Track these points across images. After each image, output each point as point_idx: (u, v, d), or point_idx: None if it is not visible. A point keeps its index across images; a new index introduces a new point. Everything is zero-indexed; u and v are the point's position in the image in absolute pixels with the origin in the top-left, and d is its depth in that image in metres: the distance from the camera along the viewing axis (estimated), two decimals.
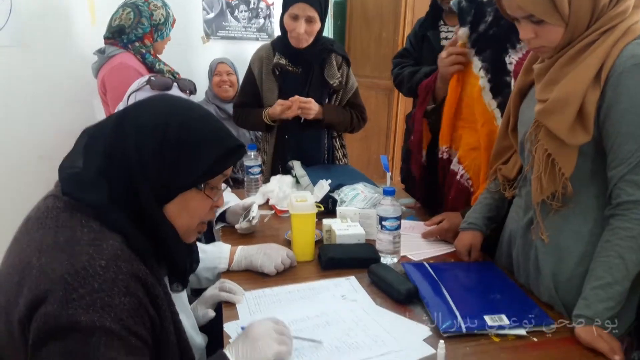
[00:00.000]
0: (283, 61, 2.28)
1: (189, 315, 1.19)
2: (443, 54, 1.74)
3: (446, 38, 2.68)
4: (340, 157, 2.52)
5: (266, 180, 2.28)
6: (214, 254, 1.51)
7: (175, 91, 1.54)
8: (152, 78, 1.52)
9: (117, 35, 2.48)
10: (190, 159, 0.96)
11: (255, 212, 1.71)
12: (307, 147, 2.39)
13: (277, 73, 2.30)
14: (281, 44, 2.30)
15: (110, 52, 2.46)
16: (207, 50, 3.29)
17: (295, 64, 2.31)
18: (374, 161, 4.15)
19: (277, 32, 3.54)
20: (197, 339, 1.20)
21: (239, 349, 1.02)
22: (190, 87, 1.60)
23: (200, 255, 1.49)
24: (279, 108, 2.21)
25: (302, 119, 2.25)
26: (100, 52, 2.51)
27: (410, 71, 2.69)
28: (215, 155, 0.98)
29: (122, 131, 0.95)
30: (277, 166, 2.40)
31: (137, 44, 2.48)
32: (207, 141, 0.98)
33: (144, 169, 0.93)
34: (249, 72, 2.39)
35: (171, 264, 1.01)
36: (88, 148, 0.95)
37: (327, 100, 2.36)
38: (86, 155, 0.95)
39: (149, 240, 0.95)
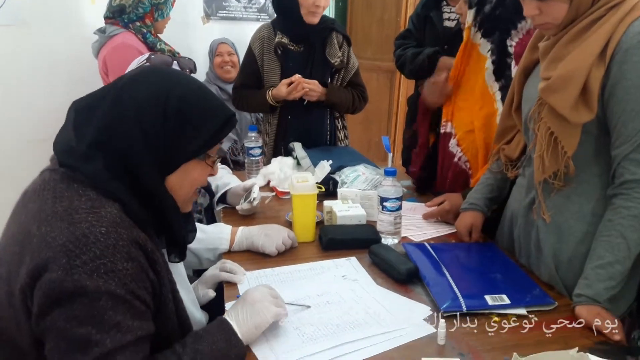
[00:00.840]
0: (285, 40, 2.27)
1: (188, 291, 1.20)
2: (431, 79, 1.78)
3: (449, 19, 2.64)
4: (342, 138, 2.51)
5: (268, 161, 2.27)
6: (215, 235, 1.51)
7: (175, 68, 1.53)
8: (152, 56, 1.52)
9: (117, 14, 2.46)
10: (193, 129, 0.97)
11: (256, 193, 1.71)
12: (310, 128, 2.38)
13: (280, 52, 2.28)
14: (282, 23, 2.29)
15: (111, 31, 2.44)
16: (207, 30, 3.26)
17: (297, 43, 2.29)
18: (375, 144, 4.13)
19: None
20: (197, 314, 1.20)
21: (239, 314, 1.04)
22: (190, 66, 1.60)
23: (201, 235, 1.50)
24: (284, 89, 2.20)
25: (306, 100, 2.24)
26: (101, 31, 2.49)
27: (412, 52, 2.66)
28: (216, 124, 1.00)
29: (119, 103, 0.94)
30: (280, 147, 2.39)
31: (137, 23, 2.47)
32: (207, 111, 0.99)
33: (147, 141, 0.93)
34: (249, 52, 2.36)
35: (169, 235, 1.02)
36: (80, 122, 0.95)
37: (329, 79, 2.35)
38: (79, 130, 0.94)
39: (146, 210, 0.95)
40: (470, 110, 1.70)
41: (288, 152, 2.30)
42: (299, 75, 2.20)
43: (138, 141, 0.92)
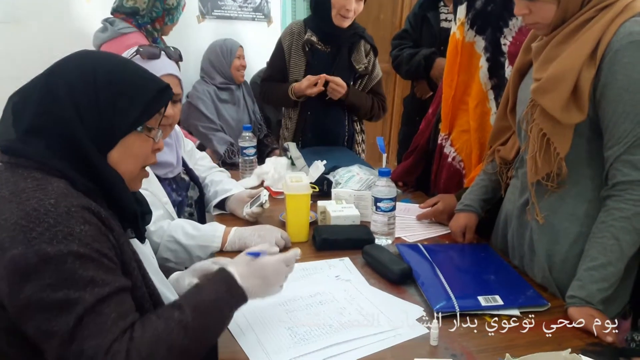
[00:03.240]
0: (314, 38, 2.30)
1: (155, 273, 1.17)
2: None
3: (446, 19, 2.65)
4: (360, 141, 2.54)
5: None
6: (208, 232, 1.50)
7: (163, 59, 1.54)
8: (141, 48, 1.52)
9: (129, 14, 2.46)
10: (125, 101, 0.96)
11: (266, 196, 1.69)
12: (328, 127, 2.42)
13: (307, 49, 2.32)
14: (314, 22, 2.32)
15: (122, 27, 2.43)
16: (202, 29, 3.25)
17: (325, 43, 2.33)
18: (370, 145, 4.13)
19: (274, 12, 3.51)
20: (168, 293, 1.17)
21: (250, 284, 1.04)
22: (175, 56, 1.60)
23: (194, 232, 1.49)
24: (305, 83, 2.23)
25: (327, 96, 2.27)
26: (109, 22, 2.46)
27: (409, 53, 2.67)
28: (149, 94, 0.99)
29: (51, 87, 0.94)
30: (298, 142, 2.42)
31: (149, 27, 2.49)
32: (138, 82, 0.99)
33: (81, 118, 0.92)
34: (279, 46, 2.40)
35: (121, 209, 1.00)
36: (16, 113, 0.95)
37: (351, 84, 2.38)
38: (16, 120, 0.94)
39: (94, 185, 0.95)
40: (465, 111, 1.70)
41: (307, 147, 2.34)
42: (325, 75, 2.22)
43: (73, 120, 0.92)
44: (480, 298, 1.20)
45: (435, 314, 1.14)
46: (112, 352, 0.82)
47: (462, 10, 1.64)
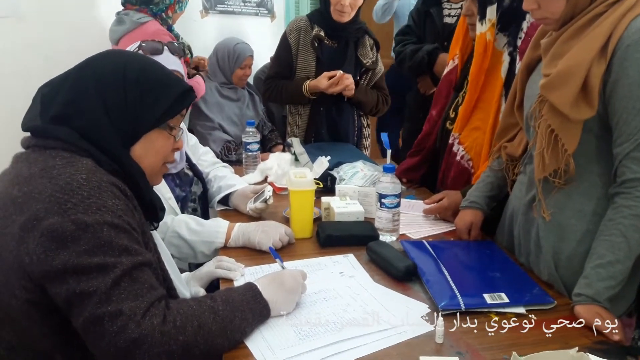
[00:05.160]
0: (322, 34, 2.29)
1: (171, 267, 1.19)
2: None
3: (449, 15, 2.64)
4: (367, 135, 2.55)
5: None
6: (212, 228, 1.50)
7: (166, 54, 1.54)
8: (143, 44, 1.52)
9: (142, 3, 2.47)
10: (152, 98, 1.00)
11: (270, 192, 1.68)
12: (340, 123, 2.42)
13: (316, 44, 2.31)
14: (319, 17, 2.32)
15: (139, 18, 2.44)
16: (205, 24, 3.23)
17: (332, 39, 2.33)
18: (372, 142, 4.12)
19: (277, 8, 3.49)
20: (185, 291, 1.20)
21: (271, 293, 1.09)
22: (179, 51, 1.60)
23: (198, 228, 1.50)
24: (325, 82, 2.22)
25: (346, 97, 2.29)
26: (124, 14, 2.48)
27: (412, 49, 2.66)
28: (175, 94, 1.04)
29: (81, 80, 0.98)
30: (310, 138, 2.42)
31: (164, 14, 2.53)
32: (165, 81, 1.04)
33: (108, 111, 0.96)
34: (285, 42, 2.38)
35: (142, 201, 1.03)
36: (45, 102, 0.98)
37: (358, 78, 2.38)
38: (44, 108, 0.98)
39: (119, 168, 0.99)
40: (483, 109, 1.68)
41: (319, 141, 2.36)
42: (341, 72, 2.22)
43: (100, 113, 0.96)
44: (485, 296, 1.19)
45: (441, 312, 1.13)
46: (150, 314, 0.87)
47: (492, 10, 1.58)
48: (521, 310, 1.17)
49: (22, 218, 0.85)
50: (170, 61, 1.52)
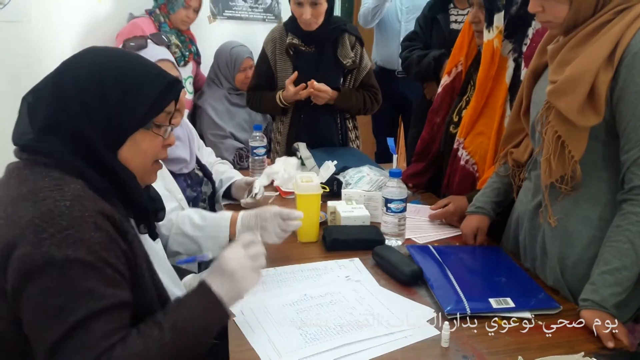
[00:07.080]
0: (296, 41, 2.29)
1: (168, 271, 1.17)
2: None
3: (456, 21, 2.65)
4: (353, 138, 2.52)
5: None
6: (215, 221, 1.47)
7: (151, 47, 1.54)
8: (127, 42, 1.53)
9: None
10: (133, 98, 0.96)
11: (257, 188, 1.70)
12: (321, 128, 2.40)
13: (291, 53, 2.31)
14: (293, 25, 2.31)
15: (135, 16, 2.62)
16: (213, 30, 3.25)
17: (308, 44, 2.31)
18: (366, 144, 4.12)
19: (284, 13, 3.51)
20: (178, 292, 1.17)
21: (218, 284, 1.01)
22: (165, 41, 1.63)
23: (201, 223, 1.47)
24: (292, 88, 2.23)
25: (312, 102, 2.27)
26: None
27: (418, 55, 2.67)
28: (156, 91, 0.99)
29: (60, 86, 0.95)
30: (291, 145, 2.40)
31: (157, 11, 2.69)
32: (145, 78, 0.99)
33: (89, 116, 0.93)
34: (263, 54, 2.39)
35: (133, 206, 1.02)
36: (31, 112, 0.96)
37: (341, 79, 2.36)
38: (32, 119, 0.95)
39: (108, 183, 0.96)
40: (488, 114, 1.69)
41: (292, 152, 2.30)
42: (314, 81, 2.21)
43: (83, 118, 0.93)
44: (491, 300, 1.19)
45: (446, 316, 1.14)
46: None
47: (499, 17, 1.58)
48: (527, 314, 1.17)
49: (1, 245, 0.85)
50: (156, 52, 1.52)
